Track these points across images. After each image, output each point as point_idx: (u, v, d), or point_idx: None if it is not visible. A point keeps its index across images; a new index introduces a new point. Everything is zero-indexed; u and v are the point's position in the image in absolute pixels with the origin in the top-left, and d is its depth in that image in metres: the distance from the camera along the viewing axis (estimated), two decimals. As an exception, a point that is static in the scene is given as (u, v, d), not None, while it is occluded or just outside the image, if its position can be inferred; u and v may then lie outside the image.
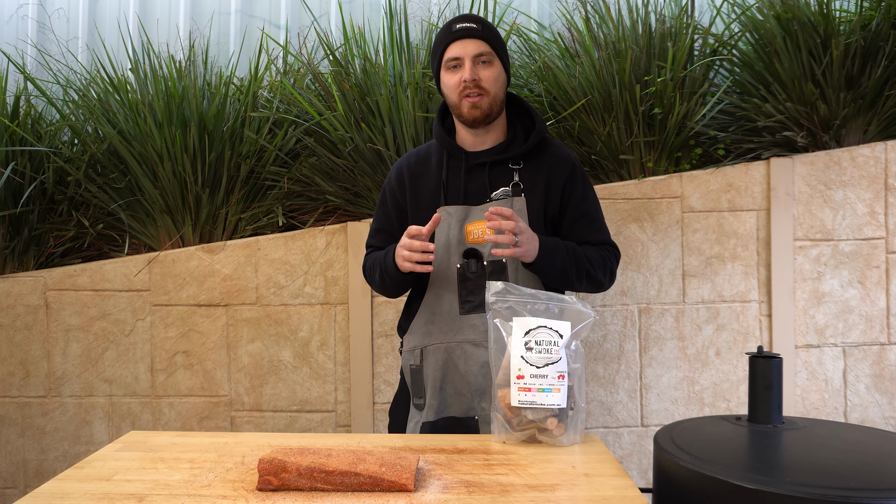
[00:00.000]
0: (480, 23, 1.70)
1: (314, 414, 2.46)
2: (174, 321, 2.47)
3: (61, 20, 3.12)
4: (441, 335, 1.70)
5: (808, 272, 2.44)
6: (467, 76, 1.65)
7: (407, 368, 1.76)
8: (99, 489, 1.09)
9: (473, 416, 1.67)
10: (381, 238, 1.83)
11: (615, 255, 1.78)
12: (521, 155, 1.73)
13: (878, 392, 2.44)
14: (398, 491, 1.07)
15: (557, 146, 1.79)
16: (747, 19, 2.60)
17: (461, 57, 1.67)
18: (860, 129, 2.50)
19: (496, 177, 1.72)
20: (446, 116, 1.83)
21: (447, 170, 1.75)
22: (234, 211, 2.59)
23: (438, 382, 1.69)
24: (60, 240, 2.62)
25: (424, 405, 1.71)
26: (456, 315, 1.68)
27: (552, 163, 1.74)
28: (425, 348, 1.72)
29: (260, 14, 3.14)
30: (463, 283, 1.68)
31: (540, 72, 2.61)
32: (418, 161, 1.81)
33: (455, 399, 1.69)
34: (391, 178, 1.83)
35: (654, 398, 2.45)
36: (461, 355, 1.67)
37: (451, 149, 1.76)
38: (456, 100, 1.69)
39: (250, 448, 1.32)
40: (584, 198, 1.76)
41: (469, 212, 1.70)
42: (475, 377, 1.66)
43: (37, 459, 2.48)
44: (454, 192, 1.72)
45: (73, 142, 2.70)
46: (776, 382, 1.22)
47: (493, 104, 1.69)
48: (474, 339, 1.66)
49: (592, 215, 1.77)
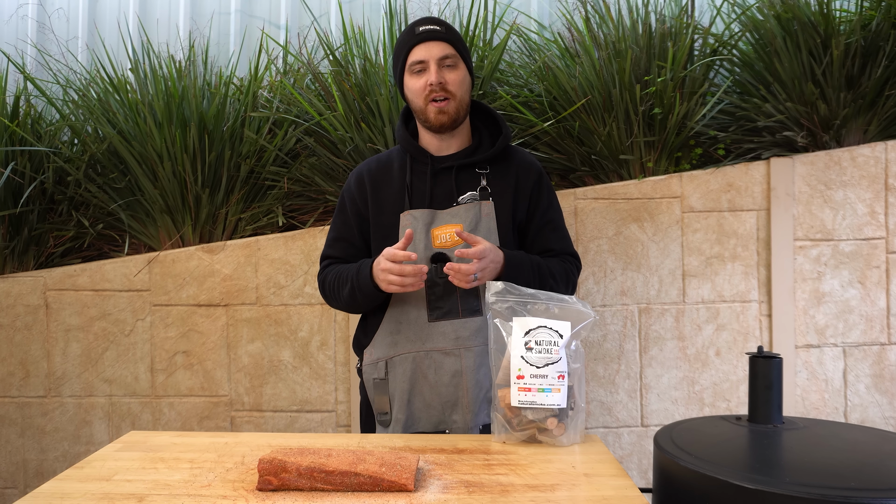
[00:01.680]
0: (443, 25, 1.67)
1: (314, 414, 2.46)
2: (174, 321, 2.47)
3: (61, 20, 3.12)
4: (408, 344, 1.63)
5: (808, 272, 2.44)
6: (433, 79, 1.62)
7: (370, 382, 1.67)
8: (99, 489, 1.09)
9: (444, 429, 1.62)
10: (339, 247, 1.75)
11: (577, 266, 1.77)
12: (488, 159, 1.71)
13: (878, 392, 2.44)
14: (398, 491, 1.07)
15: (523, 154, 1.78)
16: (747, 19, 2.60)
17: (426, 60, 1.64)
18: (860, 128, 2.50)
19: (463, 181, 1.69)
20: (409, 121, 1.79)
21: (411, 174, 1.70)
22: (234, 211, 2.59)
23: (406, 395, 1.62)
24: (60, 240, 2.62)
25: (391, 420, 1.65)
26: (424, 323, 1.62)
27: (518, 170, 1.73)
28: (391, 359, 1.65)
29: (260, 14, 3.14)
30: (431, 289, 1.62)
31: (540, 72, 2.61)
32: (379, 166, 1.75)
33: (424, 412, 1.63)
34: (350, 184, 1.76)
35: (654, 398, 2.45)
36: (430, 365, 1.61)
37: (415, 153, 1.72)
38: (422, 104, 1.66)
39: (250, 448, 1.32)
40: (550, 206, 1.76)
41: (435, 216, 1.66)
42: (446, 388, 1.61)
43: (37, 459, 2.48)
44: (419, 196, 1.68)
45: (73, 142, 2.69)
46: (776, 382, 1.22)
47: (460, 108, 1.67)
48: (444, 347, 1.61)
49: (557, 223, 1.77)
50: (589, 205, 2.45)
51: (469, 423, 1.61)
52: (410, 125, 1.79)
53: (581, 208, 2.45)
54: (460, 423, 1.62)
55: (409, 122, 1.79)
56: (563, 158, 2.60)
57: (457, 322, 1.62)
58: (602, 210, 2.45)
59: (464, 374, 1.61)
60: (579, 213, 2.45)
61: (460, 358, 1.61)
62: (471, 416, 1.61)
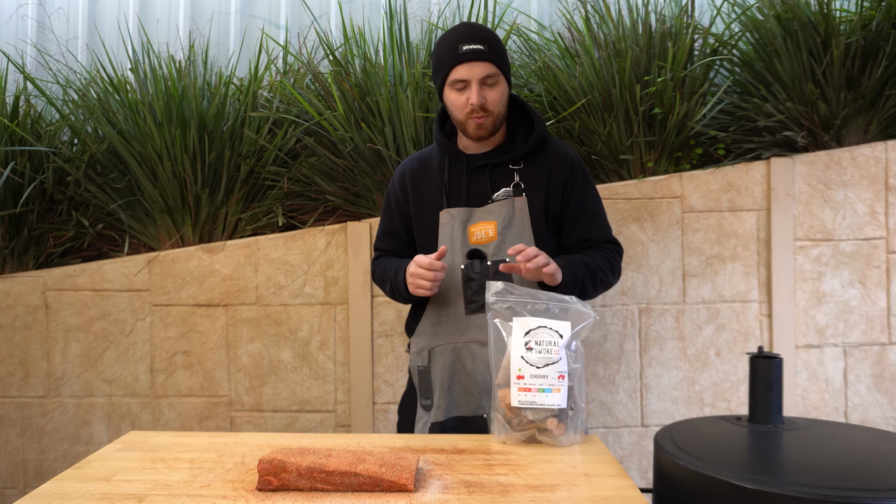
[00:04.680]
0: (486, 43, 1.67)
1: (314, 414, 2.46)
2: (174, 321, 2.47)
3: (61, 20, 3.12)
4: (448, 336, 1.71)
5: (808, 272, 2.44)
6: (475, 100, 1.65)
7: (415, 369, 1.77)
8: (99, 489, 1.09)
9: (482, 414, 1.68)
10: (387, 241, 1.87)
11: (618, 251, 1.80)
12: (521, 156, 1.74)
13: (878, 392, 2.44)
14: (398, 491, 1.07)
15: (556, 144, 1.80)
16: (747, 19, 2.60)
17: (468, 80, 1.66)
18: (860, 128, 2.50)
19: (497, 178, 1.74)
20: (446, 120, 1.83)
21: (449, 173, 1.77)
22: (234, 211, 2.59)
23: (446, 383, 1.70)
24: (60, 240, 2.62)
25: (432, 406, 1.72)
26: (462, 315, 1.70)
27: (552, 161, 1.75)
28: (433, 350, 1.73)
29: (260, 14, 3.14)
30: (467, 284, 1.69)
31: (540, 72, 2.61)
32: (420, 165, 1.82)
33: (463, 398, 1.70)
34: (394, 182, 1.85)
35: (654, 398, 2.45)
36: (468, 355, 1.69)
37: (451, 153, 1.78)
38: (462, 119, 1.70)
39: (250, 448, 1.32)
40: (585, 195, 1.77)
41: (472, 213, 1.72)
42: (483, 376, 1.67)
43: (36, 459, 2.48)
44: (456, 195, 1.74)
45: (73, 142, 2.69)
46: (776, 382, 1.22)
47: (497, 121, 1.71)
48: (481, 338, 1.67)
49: (593, 212, 1.78)
50: (589, 205, 2.45)
51: None
52: (447, 125, 1.83)
53: (581, 208, 2.45)
54: None
55: (447, 121, 1.83)
56: (563, 158, 2.59)
57: None
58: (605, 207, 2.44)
59: None
60: (579, 213, 2.45)
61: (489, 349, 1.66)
62: None
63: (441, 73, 1.71)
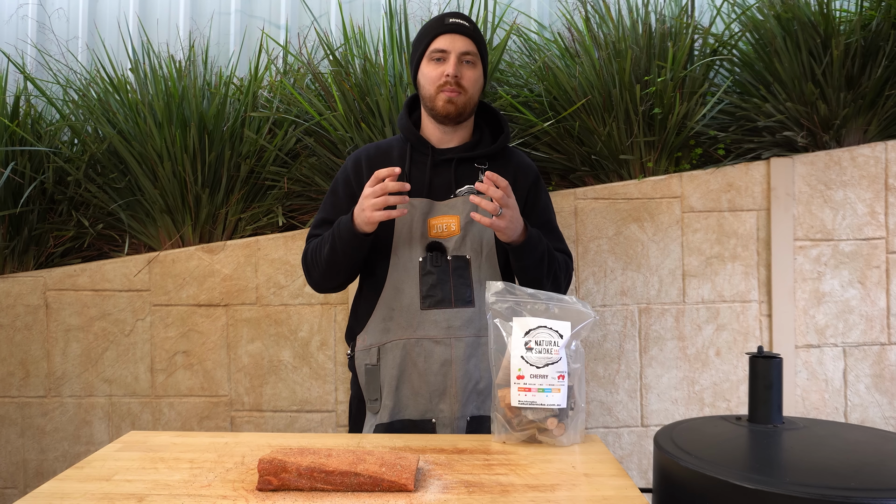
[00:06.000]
0: (471, 23, 1.71)
1: (314, 414, 2.46)
2: (174, 321, 2.47)
3: (61, 20, 3.12)
4: (400, 331, 1.64)
5: (808, 272, 2.44)
6: (451, 71, 1.64)
7: (362, 368, 1.68)
8: (99, 489, 1.09)
9: (430, 418, 1.62)
10: (325, 229, 1.73)
11: (571, 265, 1.81)
12: (487, 155, 1.74)
13: (878, 392, 2.44)
14: (398, 491, 1.07)
15: (520, 156, 1.82)
16: (747, 19, 2.60)
17: (448, 50, 1.66)
18: (860, 128, 2.50)
19: (462, 174, 1.71)
20: (413, 111, 1.81)
21: (410, 162, 1.72)
22: (234, 211, 2.59)
23: (395, 381, 1.63)
24: (60, 240, 2.62)
25: (380, 406, 1.65)
26: (416, 310, 1.63)
27: (517, 168, 1.76)
28: (383, 346, 1.65)
29: (260, 14, 3.14)
30: (424, 277, 1.64)
31: (540, 72, 2.61)
32: (378, 152, 1.76)
33: (412, 400, 1.63)
34: (346, 168, 1.77)
35: (654, 398, 2.45)
36: (421, 353, 1.62)
37: (416, 142, 1.73)
38: (433, 92, 1.67)
39: (250, 448, 1.32)
40: (546, 207, 1.80)
41: (433, 206, 1.68)
42: (434, 377, 1.61)
43: (37, 459, 2.48)
44: (417, 185, 1.69)
45: (73, 142, 2.69)
46: (776, 382, 1.22)
47: (468, 104, 1.69)
48: (435, 335, 1.62)
49: (552, 224, 1.81)
50: (589, 205, 2.45)
51: (456, 413, 1.62)
52: (413, 115, 1.80)
53: (581, 208, 2.45)
54: (447, 413, 1.62)
55: (413, 111, 1.81)
56: (563, 158, 2.60)
57: (449, 311, 1.63)
58: (602, 210, 2.45)
59: (453, 364, 1.62)
60: (579, 213, 2.45)
61: (450, 347, 1.62)
62: (458, 407, 1.61)
63: (422, 44, 1.71)
